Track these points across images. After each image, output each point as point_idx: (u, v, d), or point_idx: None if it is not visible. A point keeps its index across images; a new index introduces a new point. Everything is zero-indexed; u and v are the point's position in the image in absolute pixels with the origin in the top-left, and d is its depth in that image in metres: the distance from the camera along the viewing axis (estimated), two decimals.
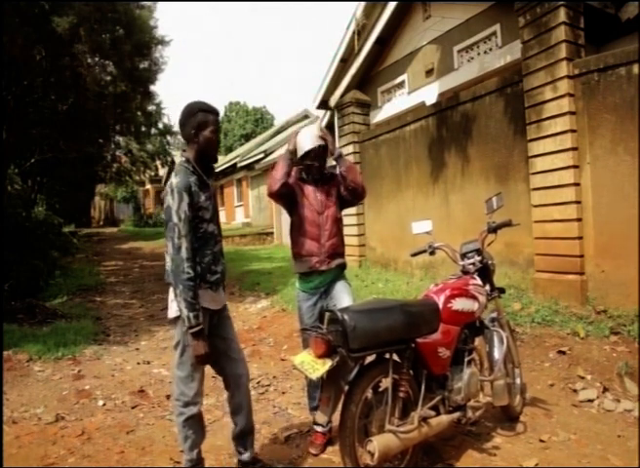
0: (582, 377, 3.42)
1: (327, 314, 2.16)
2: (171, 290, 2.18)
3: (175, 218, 2.04)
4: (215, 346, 2.20)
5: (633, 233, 4.03)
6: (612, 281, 4.27)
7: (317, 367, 2.01)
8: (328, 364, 2.01)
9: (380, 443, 2.02)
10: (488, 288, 2.79)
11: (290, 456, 2.62)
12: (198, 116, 2.18)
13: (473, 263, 2.75)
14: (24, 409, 3.31)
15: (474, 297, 2.55)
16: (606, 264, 4.34)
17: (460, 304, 2.44)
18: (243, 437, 2.38)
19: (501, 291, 2.92)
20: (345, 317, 2.01)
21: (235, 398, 2.34)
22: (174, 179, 2.11)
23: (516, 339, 3.55)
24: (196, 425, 2.20)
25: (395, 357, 2.23)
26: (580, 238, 4.49)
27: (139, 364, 4.42)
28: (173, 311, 2.16)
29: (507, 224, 2.81)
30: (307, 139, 2.70)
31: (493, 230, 2.82)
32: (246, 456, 2.38)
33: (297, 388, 3.69)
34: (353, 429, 2.06)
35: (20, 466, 2.56)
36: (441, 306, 2.39)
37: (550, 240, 4.72)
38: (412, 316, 2.21)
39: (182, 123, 2.23)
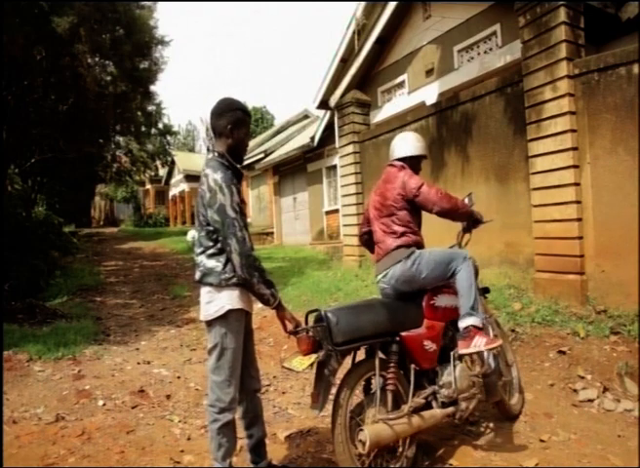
0: (582, 377, 3.42)
1: (312, 315, 2.28)
2: (203, 291, 2.12)
3: (232, 214, 2.00)
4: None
5: (633, 233, 4.03)
6: (612, 281, 4.27)
7: (304, 362, 2.15)
8: (313, 357, 2.15)
9: (370, 431, 2.09)
10: None
11: (290, 456, 2.63)
12: (237, 113, 2.14)
13: None
14: (24, 409, 3.31)
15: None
16: (606, 264, 4.34)
17: (442, 301, 2.56)
18: (259, 446, 2.35)
19: (485, 290, 3.00)
20: (328, 314, 2.18)
21: (250, 412, 2.32)
22: (216, 175, 2.02)
23: (508, 336, 3.57)
24: (230, 433, 2.13)
25: (381, 354, 2.33)
26: (581, 238, 4.49)
27: (139, 364, 4.42)
28: (210, 312, 2.09)
29: (479, 222, 2.84)
30: (419, 143, 2.82)
31: (467, 229, 2.91)
32: (263, 464, 2.34)
33: (297, 388, 3.69)
34: (345, 426, 2.12)
35: (20, 466, 2.56)
36: (424, 303, 2.51)
37: (550, 240, 4.72)
38: (393, 310, 2.39)
39: (219, 114, 2.14)
